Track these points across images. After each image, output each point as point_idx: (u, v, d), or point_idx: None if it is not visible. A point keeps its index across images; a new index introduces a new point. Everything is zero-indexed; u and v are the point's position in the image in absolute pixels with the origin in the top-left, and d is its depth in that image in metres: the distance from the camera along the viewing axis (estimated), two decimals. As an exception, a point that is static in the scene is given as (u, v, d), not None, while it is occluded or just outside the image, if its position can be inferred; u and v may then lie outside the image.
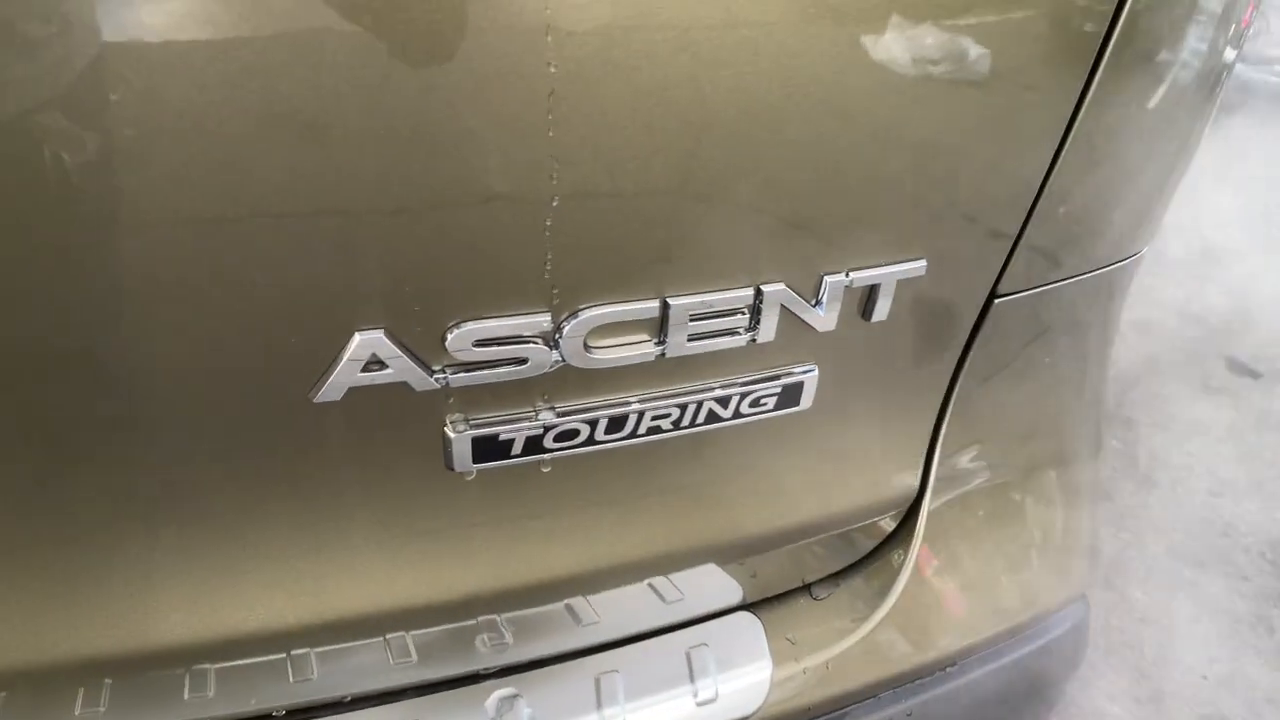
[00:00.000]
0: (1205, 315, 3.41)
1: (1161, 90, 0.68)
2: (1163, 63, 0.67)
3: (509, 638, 0.69)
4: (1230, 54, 0.73)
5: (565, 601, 0.69)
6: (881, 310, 0.62)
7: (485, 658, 0.69)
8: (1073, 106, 0.62)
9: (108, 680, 0.61)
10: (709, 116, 0.50)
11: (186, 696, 0.64)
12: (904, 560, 0.77)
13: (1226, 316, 3.39)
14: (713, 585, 0.75)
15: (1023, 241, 0.67)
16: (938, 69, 0.55)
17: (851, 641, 0.75)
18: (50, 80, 0.39)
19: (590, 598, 0.70)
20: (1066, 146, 0.64)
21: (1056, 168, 0.65)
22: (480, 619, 0.68)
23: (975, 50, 0.56)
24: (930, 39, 0.54)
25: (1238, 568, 2.18)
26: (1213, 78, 0.73)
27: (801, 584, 0.80)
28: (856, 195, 0.58)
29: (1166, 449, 2.63)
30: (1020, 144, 0.63)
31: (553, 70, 0.44)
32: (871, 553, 0.81)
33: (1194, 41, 0.68)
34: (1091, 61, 0.61)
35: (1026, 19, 0.57)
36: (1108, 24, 0.60)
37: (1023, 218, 0.65)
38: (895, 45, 0.52)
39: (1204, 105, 0.75)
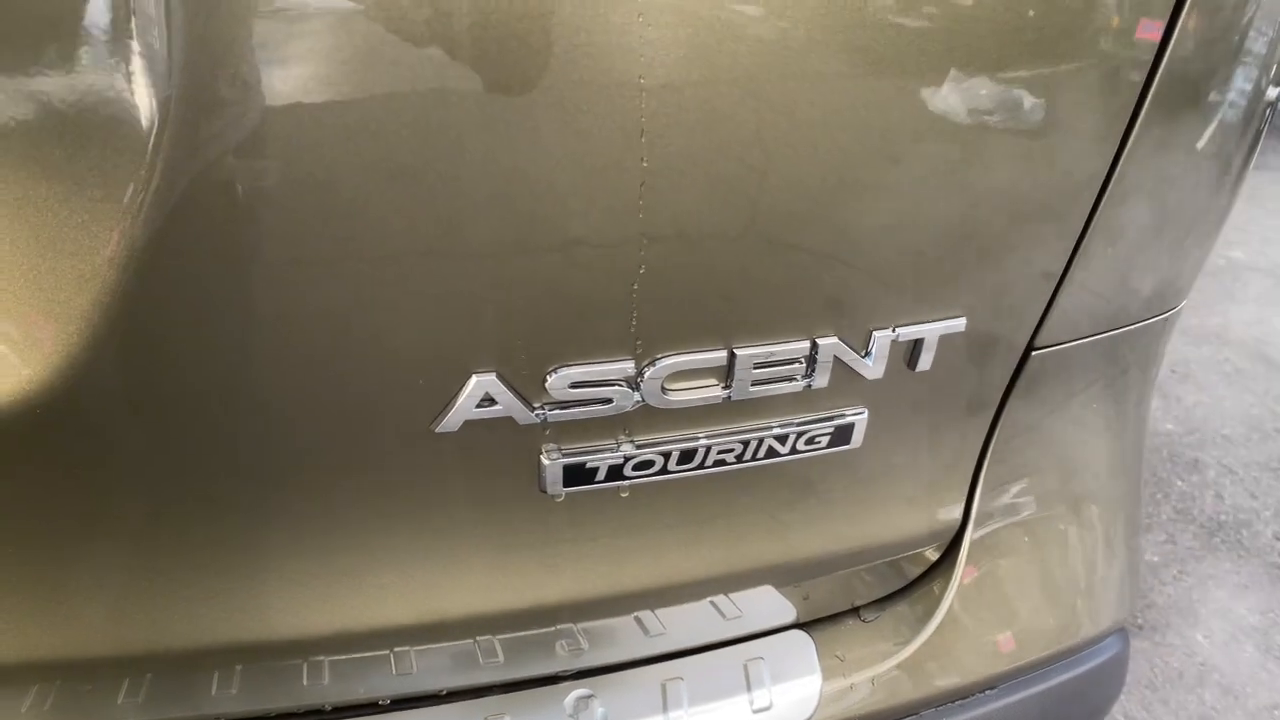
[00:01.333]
0: (1276, 356, 3.34)
1: (1202, 138, 0.72)
2: (1202, 109, 0.70)
3: (585, 644, 0.76)
4: (1273, 92, 0.75)
5: (636, 614, 0.77)
6: (925, 361, 0.68)
7: (564, 661, 0.77)
8: (1109, 164, 0.67)
9: (239, 666, 0.70)
10: (769, 196, 0.58)
11: (305, 683, 0.73)
12: (946, 589, 0.82)
13: (1298, 358, 3.30)
14: (769, 605, 0.82)
15: (1058, 300, 0.73)
16: (983, 127, 0.60)
17: (896, 661, 0.80)
18: (201, 141, 0.48)
19: (659, 611, 0.77)
20: (1101, 207, 0.68)
21: (1090, 229, 0.69)
22: (560, 626, 0.76)
23: (1019, 108, 0.61)
24: (976, 97, 0.59)
25: (1304, 614, 2.14)
26: (1254, 120, 0.75)
27: (851, 607, 0.86)
28: (903, 260, 0.64)
29: (1233, 492, 2.59)
30: (1058, 211, 0.68)
31: (645, 165, 0.53)
32: (916, 580, 0.86)
33: (1238, 82, 0.70)
34: (1128, 118, 0.65)
35: (1071, 72, 0.61)
36: (1146, 76, 0.64)
37: (1057, 279, 0.71)
38: (944, 104, 0.58)
39: (1245, 149, 0.77)
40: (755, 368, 0.64)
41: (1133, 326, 0.81)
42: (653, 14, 0.50)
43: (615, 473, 0.66)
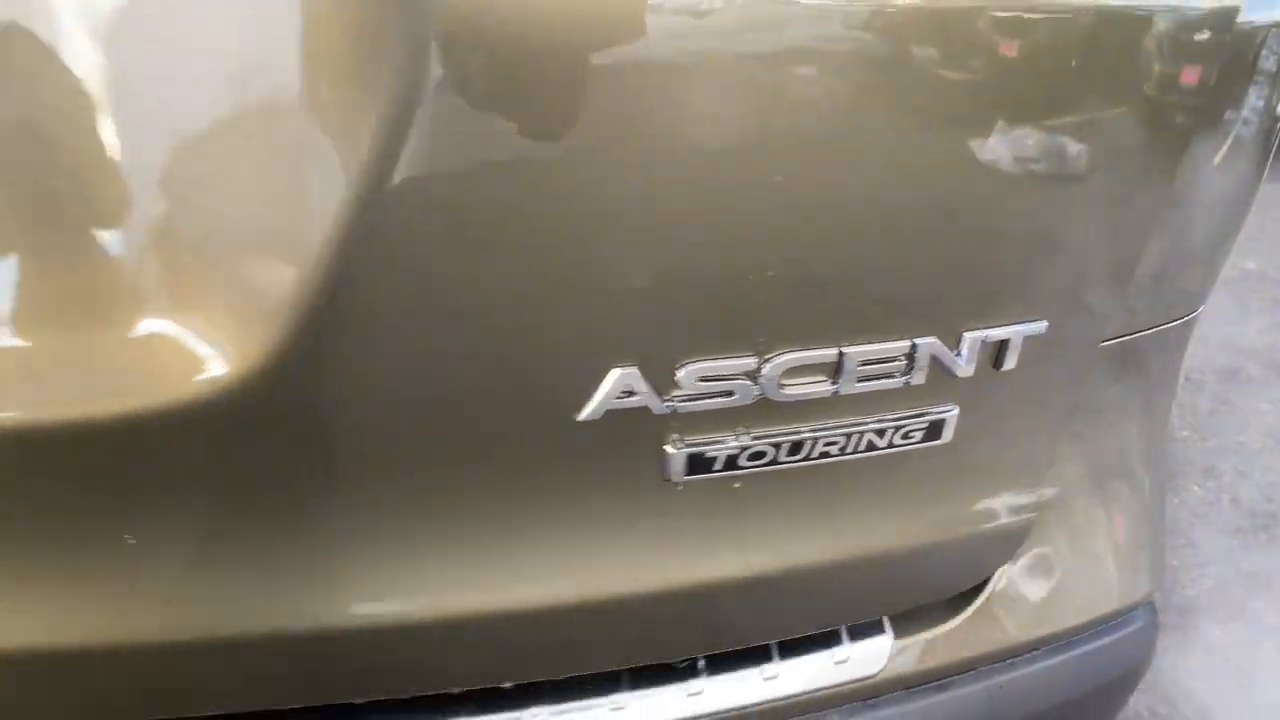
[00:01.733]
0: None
1: (1220, 154, 0.78)
2: (1227, 131, 0.77)
3: (696, 622, 0.83)
4: None
5: (739, 590, 0.82)
6: (1010, 361, 0.75)
7: (677, 645, 0.84)
8: (1158, 182, 0.73)
9: (388, 643, 0.75)
10: (880, 218, 0.66)
11: (437, 663, 0.78)
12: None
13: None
14: (854, 589, 0.89)
15: (1119, 300, 0.80)
16: (1059, 161, 0.67)
17: (953, 624, 0.92)
18: (392, 169, 0.55)
19: (761, 589, 0.83)
20: (1144, 220, 0.75)
21: (1138, 240, 0.77)
22: (670, 605, 0.80)
23: (1086, 145, 0.68)
24: (1053, 135, 0.66)
25: (1325, 614, 2.18)
26: (1271, 136, 0.82)
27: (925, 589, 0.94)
28: (993, 271, 0.72)
29: (1250, 496, 2.64)
30: (1114, 227, 0.75)
31: (780, 182, 0.61)
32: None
33: (1252, 102, 0.77)
34: (1181, 147, 0.72)
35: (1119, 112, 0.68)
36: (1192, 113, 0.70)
37: (1119, 283, 0.79)
38: (1021, 148, 0.66)
39: (1262, 163, 0.85)
40: (861, 365, 0.70)
41: (1165, 326, 0.89)
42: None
43: (731, 462, 0.72)
